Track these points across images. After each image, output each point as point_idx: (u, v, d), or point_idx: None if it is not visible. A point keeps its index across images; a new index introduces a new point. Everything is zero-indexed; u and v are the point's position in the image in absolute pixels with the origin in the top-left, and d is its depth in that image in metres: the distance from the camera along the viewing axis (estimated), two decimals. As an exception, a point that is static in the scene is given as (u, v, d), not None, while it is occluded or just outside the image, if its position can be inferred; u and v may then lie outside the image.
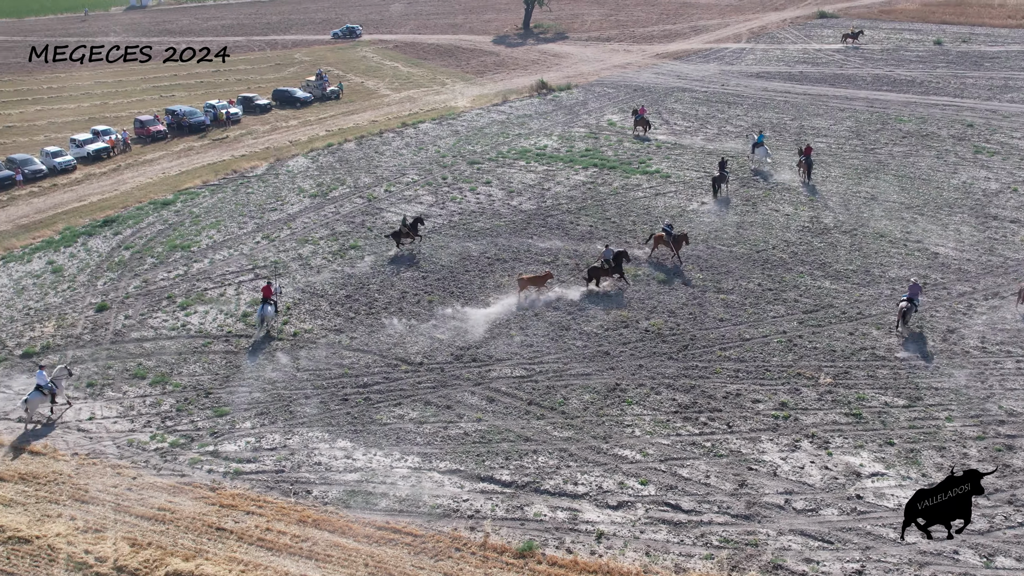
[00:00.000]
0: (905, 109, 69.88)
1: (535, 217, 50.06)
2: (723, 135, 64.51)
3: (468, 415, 32.40)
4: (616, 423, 31.64)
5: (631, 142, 63.51)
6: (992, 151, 58.98)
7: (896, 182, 54.01)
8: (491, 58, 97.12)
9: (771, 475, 28.63)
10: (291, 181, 57.99)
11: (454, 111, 73.98)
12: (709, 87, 79.28)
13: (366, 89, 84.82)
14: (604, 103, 74.74)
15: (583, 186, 55.01)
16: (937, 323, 37.54)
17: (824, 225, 47.90)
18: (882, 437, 30.27)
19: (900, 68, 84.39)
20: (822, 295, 40.19)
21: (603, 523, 26.87)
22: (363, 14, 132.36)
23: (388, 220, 50.39)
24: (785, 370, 34.45)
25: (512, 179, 56.75)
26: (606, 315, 39.00)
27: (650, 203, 51.80)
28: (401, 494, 28.44)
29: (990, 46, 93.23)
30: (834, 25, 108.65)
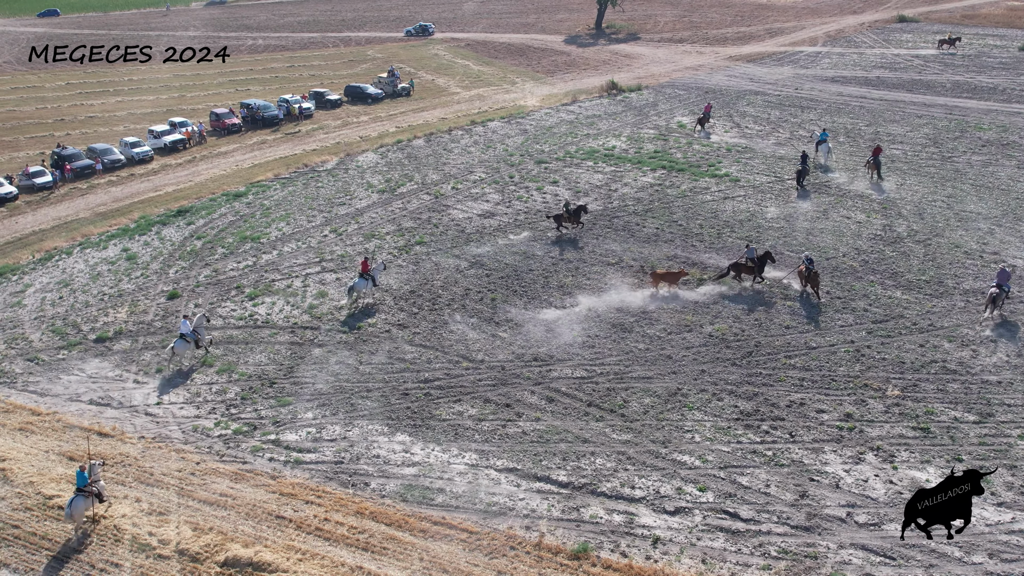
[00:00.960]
0: (986, 117, 67.91)
1: (601, 218, 49.84)
2: (795, 139, 63.43)
3: (527, 414, 32.40)
4: (676, 428, 31.33)
5: (700, 144, 62.85)
6: (1077, 162, 56.98)
7: (974, 191, 52.52)
8: (562, 58, 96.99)
9: (833, 487, 28.07)
10: (360, 176, 58.66)
11: (523, 110, 74.06)
12: (782, 91, 78.05)
13: (436, 87, 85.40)
14: (674, 105, 74.10)
15: (650, 188, 54.60)
16: (1020, 334, 36.39)
17: (897, 234, 46.80)
18: (950, 453, 29.46)
19: (982, 75, 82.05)
20: (892, 305, 39.26)
21: (659, 528, 26.63)
22: (436, 12, 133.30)
23: (454, 217, 50.65)
24: (851, 380, 33.74)
25: (579, 179, 56.59)
26: (670, 318, 38.65)
27: (718, 207, 51.19)
28: (458, 490, 28.55)
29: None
30: (914, 30, 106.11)
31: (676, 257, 44.57)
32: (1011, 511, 26.75)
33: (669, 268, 42.62)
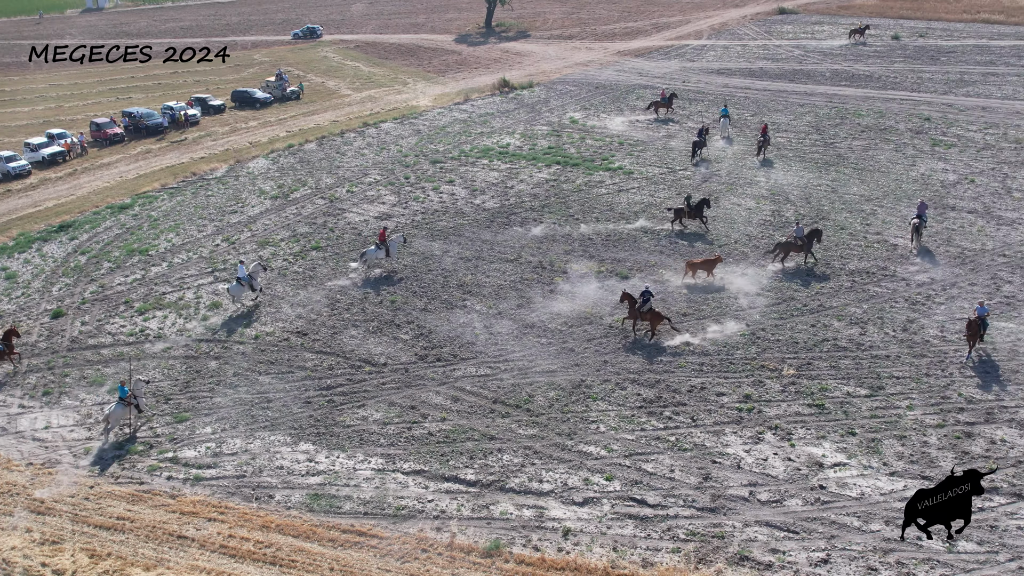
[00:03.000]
0: (863, 104, 70.52)
1: (498, 215, 49.89)
2: (684, 131, 64.72)
3: (432, 415, 32.18)
4: (581, 419, 31.57)
5: (593, 139, 63.55)
6: (949, 144, 59.67)
7: (856, 175, 54.49)
8: (453, 57, 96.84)
9: (735, 468, 28.70)
10: (251, 183, 57.38)
11: (416, 110, 73.64)
12: (670, 84, 79.50)
13: (327, 89, 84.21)
14: (566, 101, 74.76)
15: (546, 183, 54.94)
16: (897, 313, 37.88)
17: (786, 219, 48.17)
18: (844, 427, 30.46)
19: (858, 63, 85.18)
20: (783, 288, 40.39)
21: (569, 520, 26.78)
22: (324, 14, 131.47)
23: (350, 220, 49.99)
24: (749, 363, 34.59)
25: (475, 177, 56.56)
26: (570, 312, 38.93)
27: (613, 199, 51.83)
28: (365, 496, 28.16)
29: (946, 40, 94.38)
30: (794, 21, 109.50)
31: (573, 252, 44.95)
32: (903, 479, 27.80)
33: (704, 257, 42.46)
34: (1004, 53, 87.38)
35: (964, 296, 39.07)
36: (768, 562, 24.75)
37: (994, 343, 35.20)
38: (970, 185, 52.13)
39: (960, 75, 78.83)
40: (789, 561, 24.75)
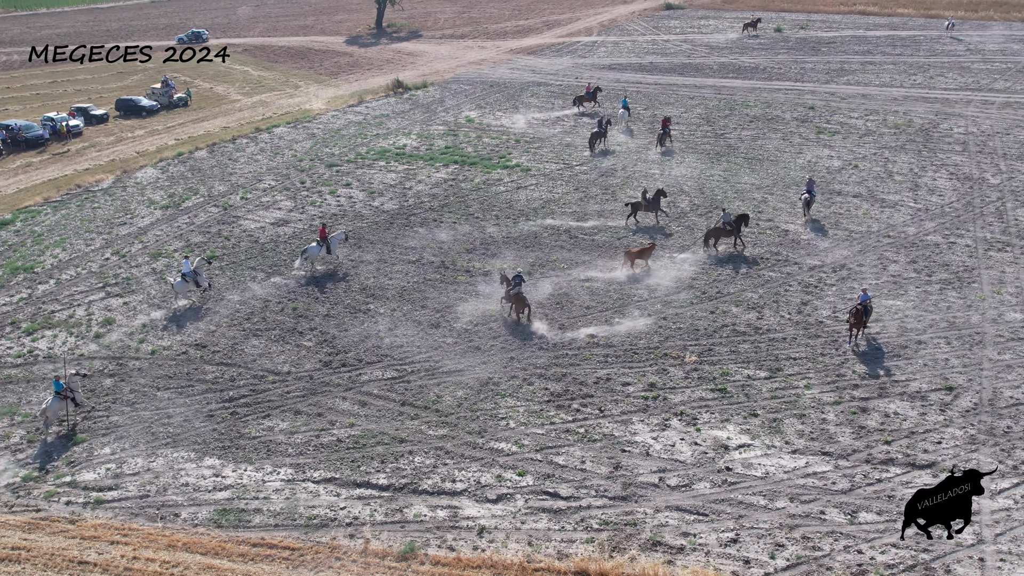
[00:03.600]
0: (751, 95, 72.54)
1: (398, 217, 49.57)
2: (579, 127, 65.45)
3: (340, 421, 31.76)
4: (491, 417, 31.61)
5: (490, 137, 63.70)
6: (833, 131, 61.86)
7: (746, 164, 56.01)
8: (344, 59, 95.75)
9: (644, 455, 29.17)
10: (140, 193, 55.59)
11: (309, 114, 72.55)
12: (563, 80, 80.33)
13: (216, 95, 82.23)
14: (461, 100, 74.74)
15: (445, 183, 54.83)
16: (791, 297, 39.09)
17: (681, 209, 49.19)
18: (747, 409, 31.29)
19: (744, 56, 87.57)
20: (681, 276, 41.24)
21: (484, 518, 26.78)
22: (209, 18, 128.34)
23: (246, 228, 48.94)
24: (652, 352, 35.20)
25: (372, 180, 56.05)
26: (474, 310, 38.94)
27: (512, 197, 52.07)
28: (275, 508, 27.61)
29: (826, 32, 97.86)
30: (681, 16, 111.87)
31: (475, 250, 44.99)
32: (804, 456, 28.71)
33: (641, 245, 43.08)
34: (880, 43, 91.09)
35: (854, 277, 40.58)
36: (680, 545, 25.23)
37: (883, 321, 36.64)
38: (854, 170, 54.15)
39: (840, 65, 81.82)
40: (700, 543, 25.29)
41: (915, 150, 57.32)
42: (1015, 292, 38.63)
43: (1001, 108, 65.93)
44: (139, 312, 40.02)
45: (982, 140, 58.72)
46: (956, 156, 55.85)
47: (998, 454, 28.31)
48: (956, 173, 52.82)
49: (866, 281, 40.14)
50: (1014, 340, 34.95)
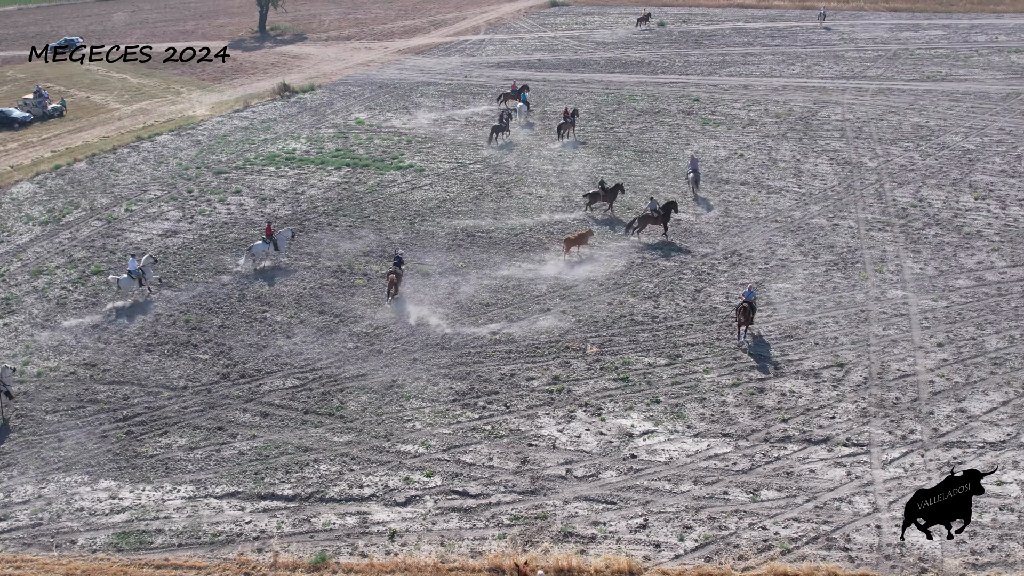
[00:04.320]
0: (637, 89, 73.80)
1: (291, 222, 48.67)
2: (471, 125, 65.50)
3: (242, 434, 31.02)
4: (396, 420, 31.36)
5: (381, 139, 63.15)
6: (718, 122, 63.44)
7: (636, 157, 56.97)
8: (228, 63, 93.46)
9: (551, 448, 29.38)
10: (16, 209, 53.14)
11: (193, 120, 70.55)
12: (453, 79, 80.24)
13: (93, 104, 79.21)
14: (350, 102, 73.88)
15: (337, 187, 54.10)
16: (685, 284, 39.95)
17: (576, 203, 49.71)
18: (649, 396, 31.84)
19: (629, 50, 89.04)
20: (578, 269, 41.67)
21: (394, 521, 26.55)
22: (82, 25, 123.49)
23: (132, 241, 47.31)
24: (554, 345, 35.48)
25: (263, 185, 54.91)
26: (373, 314, 38.57)
27: (407, 198, 51.74)
28: (178, 527, 26.79)
29: (707, 25, 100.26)
30: (566, 13, 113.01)
31: (372, 252, 44.57)
32: (706, 439, 29.38)
33: (578, 232, 43.37)
34: (759, 35, 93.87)
35: (744, 263, 41.72)
36: (591, 535, 25.51)
37: (774, 304, 37.79)
38: (740, 159, 55.66)
39: (722, 57, 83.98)
40: (610, 531, 25.61)
41: (796, 138, 59.28)
42: (896, 270, 40.34)
43: (875, 95, 68.76)
44: (22, 333, 38.29)
45: (858, 126, 61.12)
46: (835, 142, 57.99)
47: (888, 425, 29.52)
48: (836, 158, 54.84)
49: (756, 266, 41.33)
50: (897, 316, 36.49)
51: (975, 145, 56.15)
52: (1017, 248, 41.77)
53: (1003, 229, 43.92)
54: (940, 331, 35.14)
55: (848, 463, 27.86)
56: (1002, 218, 45.22)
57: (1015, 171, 51.42)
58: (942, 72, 74.51)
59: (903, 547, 24.35)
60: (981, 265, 40.38)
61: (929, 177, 51.20)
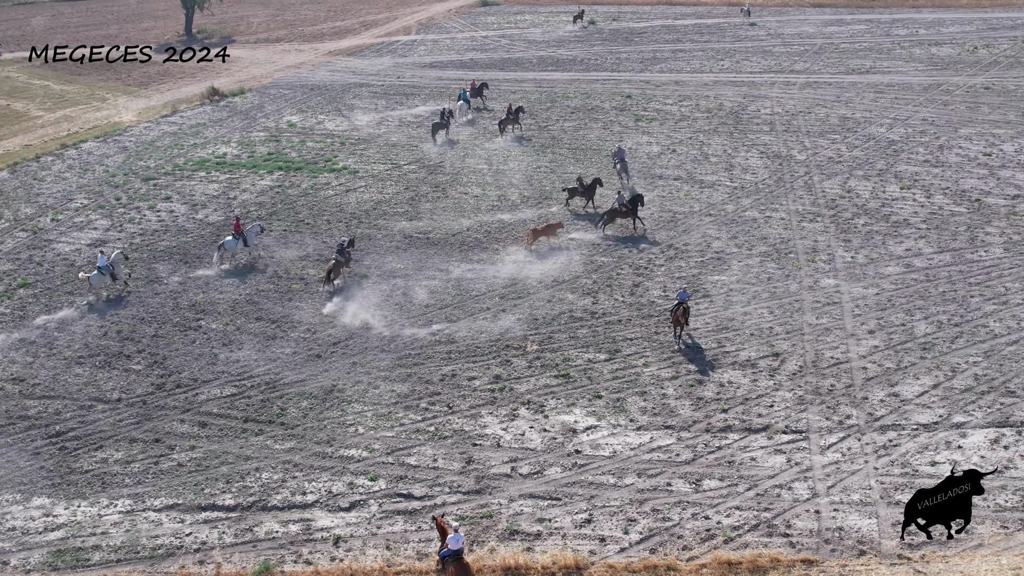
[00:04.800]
0: (570, 86, 74.19)
1: (224, 228, 47.86)
2: (405, 126, 65.18)
3: (180, 445, 30.42)
4: (338, 424, 31.05)
5: (314, 141, 62.48)
6: (650, 118, 64.08)
7: (571, 154, 57.26)
8: (154, 68, 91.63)
9: (495, 447, 29.37)
10: (-64, 222, 51.39)
11: (120, 127, 68.99)
12: (385, 80, 79.77)
13: (14, 112, 76.96)
14: (282, 105, 72.97)
15: (270, 191, 53.39)
16: (623, 280, 40.26)
17: (512, 202, 49.79)
18: (591, 392, 32.01)
19: (561, 49, 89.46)
20: (519, 268, 41.75)
21: (339, 527, 26.28)
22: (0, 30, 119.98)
23: (60, 252, 46.08)
24: (494, 344, 35.47)
25: (194, 191, 53.92)
26: (312, 319, 38.14)
27: (342, 200, 51.28)
28: (116, 542, 26.16)
29: (637, 23, 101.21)
30: (497, 12, 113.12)
31: (308, 256, 44.09)
32: (648, 432, 29.65)
33: (547, 223, 44.31)
34: (688, 31, 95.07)
35: (680, 257, 42.20)
36: (537, 531, 25.56)
37: (711, 296, 38.29)
38: (673, 155, 56.29)
39: (653, 53, 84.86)
40: (556, 527, 25.69)
41: (727, 132, 60.16)
42: (827, 259, 41.18)
43: (802, 88, 70.12)
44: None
45: (787, 119, 62.26)
46: (765, 136, 58.99)
47: (824, 411, 30.11)
48: (766, 152, 55.77)
49: (692, 259, 41.83)
50: (829, 304, 37.25)
51: (899, 136, 57.61)
52: (943, 235, 42.96)
53: (929, 217, 45.13)
54: (871, 318, 35.97)
55: (787, 450, 28.36)
56: (927, 206, 46.46)
57: (938, 161, 52.88)
58: (866, 65, 76.30)
59: (842, 530, 24.88)
60: (909, 252, 41.43)
61: (856, 168, 52.39)
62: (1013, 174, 50.14)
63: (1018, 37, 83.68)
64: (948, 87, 68.07)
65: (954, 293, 37.49)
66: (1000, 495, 25.85)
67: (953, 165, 52.03)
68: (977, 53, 78.31)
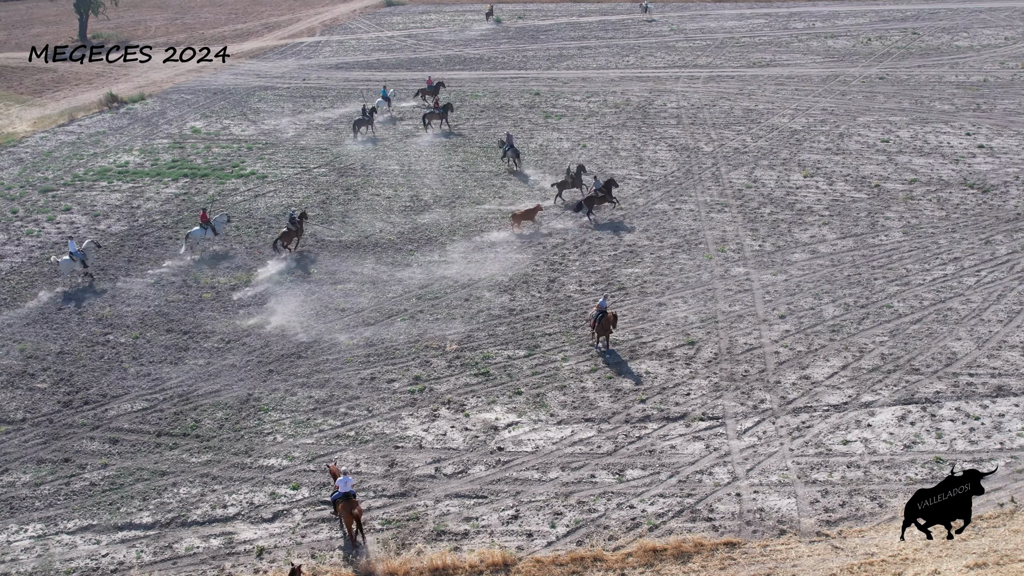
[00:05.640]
0: (479, 85, 74.19)
1: (129, 238, 46.52)
2: (313, 128, 64.31)
3: (91, 464, 29.43)
4: (256, 434, 30.46)
5: (220, 147, 61.14)
6: (559, 115, 64.52)
7: (482, 153, 57.26)
8: (48, 75, 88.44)
9: (418, 448, 29.20)
10: None
11: (13, 138, 66.36)
12: (291, 83, 78.56)
13: (-102, 125, 73.35)
14: (185, 110, 71.20)
15: (176, 198, 52.04)
16: (539, 276, 40.45)
17: (425, 202, 49.57)
18: (511, 389, 32.08)
19: (468, 48, 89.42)
20: (434, 268, 41.60)
21: (261, 538, 25.78)
22: None
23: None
24: (413, 345, 35.26)
25: (95, 202, 52.22)
26: (224, 328, 37.33)
27: (251, 206, 50.32)
28: (27, 569, 25.18)
29: (543, 20, 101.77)
30: (402, 12, 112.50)
31: (219, 265, 43.13)
32: (569, 426, 29.85)
33: (526, 208, 45.89)
34: (593, 28, 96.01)
35: (594, 251, 42.59)
36: (464, 531, 25.49)
37: (626, 289, 38.74)
38: (583, 150, 56.78)
39: (559, 51, 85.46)
40: (483, 525, 25.67)
41: (635, 126, 60.96)
42: (736, 248, 42.07)
43: (706, 82, 71.49)
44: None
45: (693, 112, 63.40)
46: (672, 129, 59.95)
47: (740, 397, 30.76)
48: (674, 144, 56.71)
49: (605, 253, 42.25)
50: (741, 292, 38.07)
51: (801, 126, 59.21)
52: (845, 221, 44.31)
53: (831, 204, 46.48)
54: (781, 303, 36.89)
55: (706, 436, 28.89)
56: (830, 193, 47.85)
57: (839, 148, 54.52)
58: (767, 58, 78.21)
59: (762, 512, 25.45)
60: (814, 239, 42.62)
61: (761, 158, 53.67)
62: (910, 159, 52.01)
63: (908, 28, 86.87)
64: (845, 78, 70.25)
65: (859, 276, 38.71)
66: (910, 469, 26.81)
67: (853, 152, 53.72)
68: (871, 45, 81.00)
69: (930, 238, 41.88)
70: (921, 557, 23.29)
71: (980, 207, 44.95)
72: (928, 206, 45.39)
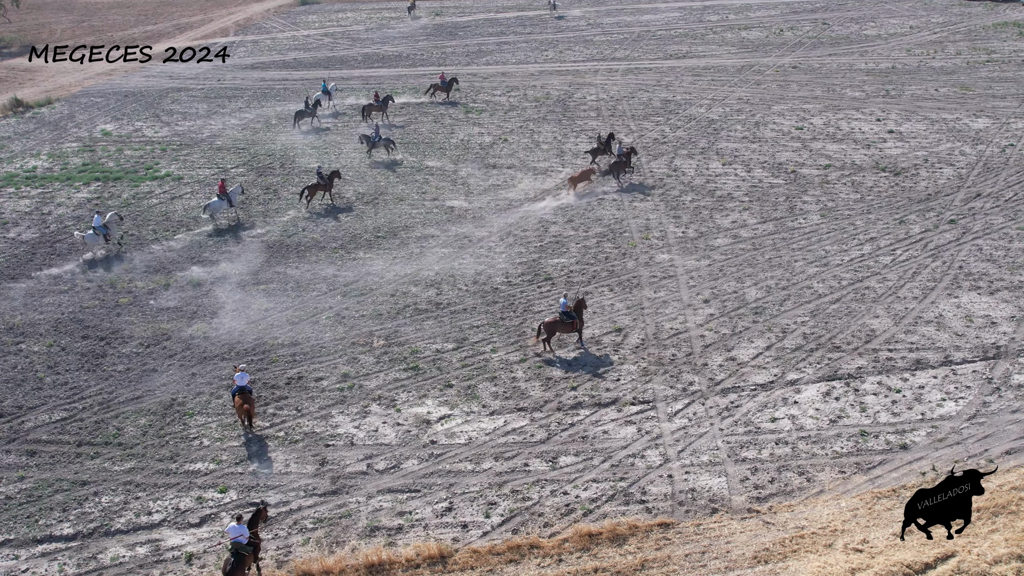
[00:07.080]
0: (398, 82, 73.61)
1: (40, 246, 44.95)
2: (228, 128, 63.01)
3: (7, 477, 28.29)
4: (181, 439, 29.65)
5: (133, 149, 59.49)
6: (480, 110, 64.40)
7: (403, 148, 56.79)
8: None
9: (349, 446, 28.78)
10: None
11: (-88, 146, 63.57)
12: (205, 84, 76.89)
13: None
14: (94, 114, 69.09)
15: (89, 203, 50.45)
16: (465, 269, 40.28)
17: (347, 200, 48.97)
18: (441, 382, 31.85)
19: (386, 45, 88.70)
20: (359, 266, 41.11)
21: (190, 544, 25.09)
22: None
23: None
24: (339, 343, 34.77)
25: (2, 209, 50.31)
26: (144, 332, 36.29)
27: (167, 208, 49.05)
28: (-61, 588, 24.10)
29: (460, 17, 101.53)
30: (317, 11, 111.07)
31: (135, 268, 41.93)
32: (502, 416, 29.75)
33: (582, 170, 48.60)
34: (511, 24, 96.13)
35: (519, 244, 42.58)
36: (398, 525, 25.20)
37: (552, 279, 38.81)
38: (505, 144, 56.76)
39: (478, 46, 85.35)
40: (417, 519, 25.42)
41: (556, 119, 61.18)
42: (660, 236, 42.50)
43: (624, 75, 72.14)
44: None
45: (612, 105, 63.90)
46: (592, 121, 60.33)
47: (668, 380, 31.06)
48: (594, 136, 57.03)
49: (531, 244, 42.28)
50: (666, 278, 38.46)
51: (718, 115, 60.14)
52: (765, 206, 45.12)
53: (750, 190, 47.29)
54: (705, 288, 37.37)
55: (637, 420, 29.08)
56: (748, 180, 48.69)
57: (755, 136, 55.52)
58: (683, 50, 79.29)
59: (694, 491, 25.71)
60: (735, 224, 43.29)
61: (680, 148, 54.34)
62: (824, 145, 53.23)
63: (818, 19, 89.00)
64: (759, 67, 71.61)
65: (779, 259, 39.44)
66: (836, 443, 27.39)
67: (769, 140, 54.75)
68: (783, 35, 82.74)
69: (847, 220, 42.92)
70: (850, 528, 23.80)
71: (893, 189, 46.24)
72: (843, 189, 46.51)
